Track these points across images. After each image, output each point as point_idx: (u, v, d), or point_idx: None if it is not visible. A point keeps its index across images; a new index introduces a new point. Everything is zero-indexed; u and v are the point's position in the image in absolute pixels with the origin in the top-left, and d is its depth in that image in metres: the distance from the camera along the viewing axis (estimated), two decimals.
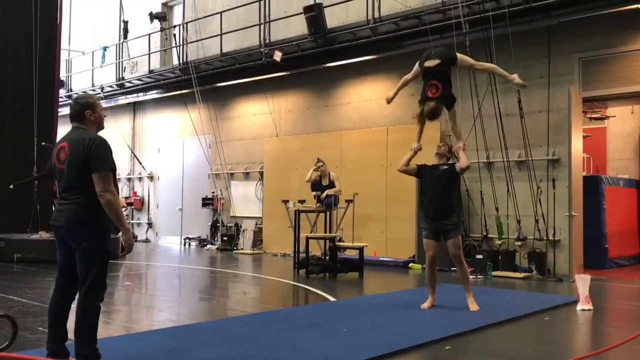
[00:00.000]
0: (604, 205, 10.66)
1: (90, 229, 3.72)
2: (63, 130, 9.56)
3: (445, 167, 6.42)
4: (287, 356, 4.26)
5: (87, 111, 3.88)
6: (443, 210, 6.28)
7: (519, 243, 9.84)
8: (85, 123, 3.88)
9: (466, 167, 6.38)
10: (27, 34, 12.27)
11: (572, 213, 8.91)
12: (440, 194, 6.30)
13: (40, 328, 5.11)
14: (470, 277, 7.18)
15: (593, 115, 12.03)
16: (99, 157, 3.70)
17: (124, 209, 16.26)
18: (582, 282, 6.42)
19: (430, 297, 6.40)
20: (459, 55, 6.57)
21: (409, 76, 6.67)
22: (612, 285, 8.74)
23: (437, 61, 6.23)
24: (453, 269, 9.73)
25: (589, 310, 6.33)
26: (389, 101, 6.87)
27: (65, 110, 13.58)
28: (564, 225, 9.55)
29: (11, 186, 10.93)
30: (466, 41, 9.69)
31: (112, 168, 3.77)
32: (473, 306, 6.20)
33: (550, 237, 9.80)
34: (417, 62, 6.52)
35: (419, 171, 6.54)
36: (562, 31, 9.95)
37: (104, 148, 3.76)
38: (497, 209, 10.10)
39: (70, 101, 4.04)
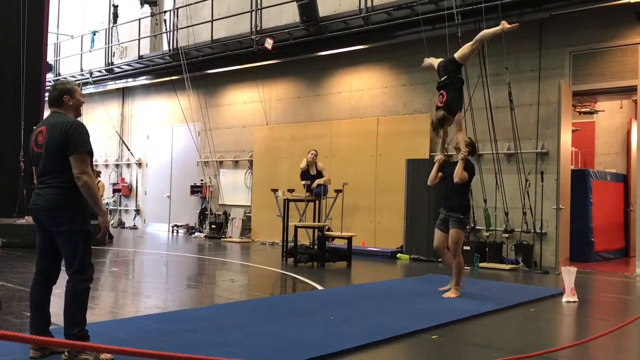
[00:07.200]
0: (591, 199, 10.74)
1: (69, 212, 3.73)
2: None
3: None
4: (273, 343, 4.26)
5: (65, 96, 3.91)
6: (449, 204, 6.57)
7: (507, 235, 9.91)
8: (63, 108, 3.91)
9: (457, 181, 6.52)
10: (14, 18, 12.08)
11: (560, 206, 8.98)
12: (449, 189, 6.61)
13: (25, 312, 5.07)
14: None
15: (582, 110, 12.08)
16: (77, 140, 3.72)
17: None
18: (568, 275, 6.48)
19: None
20: (456, 56, 6.90)
21: (434, 63, 7.11)
22: (597, 278, 8.82)
23: (444, 77, 6.79)
24: (439, 260, 9.82)
25: (574, 302, 6.40)
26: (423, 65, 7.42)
27: None
28: (551, 218, 9.62)
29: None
30: (458, 32, 9.69)
31: (90, 151, 3.79)
32: (449, 293, 6.42)
33: (538, 230, 9.86)
34: (438, 64, 6.98)
35: (443, 171, 6.75)
36: (553, 25, 9.96)
37: (82, 131, 3.78)
38: (485, 201, 10.14)
39: (49, 87, 4.04)
